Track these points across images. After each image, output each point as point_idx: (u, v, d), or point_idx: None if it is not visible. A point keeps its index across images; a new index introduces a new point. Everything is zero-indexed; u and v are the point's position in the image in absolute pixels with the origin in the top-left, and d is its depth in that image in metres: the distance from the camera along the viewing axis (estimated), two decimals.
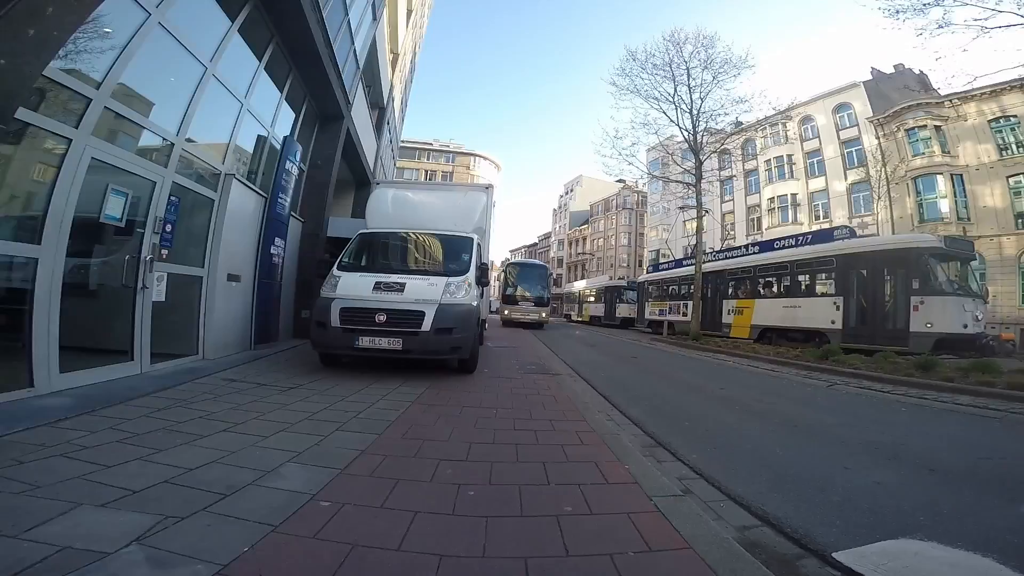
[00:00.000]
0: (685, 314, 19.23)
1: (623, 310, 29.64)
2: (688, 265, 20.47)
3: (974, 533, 2.38)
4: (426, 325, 5.66)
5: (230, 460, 2.80)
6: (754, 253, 17.52)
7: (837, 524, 2.50)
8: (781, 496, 2.89)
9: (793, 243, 16.01)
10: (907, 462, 3.70)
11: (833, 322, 12.86)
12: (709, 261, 19.14)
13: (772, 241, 17.67)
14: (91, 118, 4.18)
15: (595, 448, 3.42)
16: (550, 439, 3.62)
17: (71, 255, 4.25)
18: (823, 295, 13.72)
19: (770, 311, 15.19)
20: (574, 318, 39.30)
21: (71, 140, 4.07)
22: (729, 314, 17.06)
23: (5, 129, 2.81)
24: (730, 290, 17.62)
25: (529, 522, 2.23)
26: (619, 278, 39.10)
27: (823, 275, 13.96)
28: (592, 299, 34.98)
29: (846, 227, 16.20)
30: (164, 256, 5.43)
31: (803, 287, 14.60)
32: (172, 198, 5.49)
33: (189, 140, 5.77)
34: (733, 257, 18.78)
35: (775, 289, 15.60)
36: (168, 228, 5.44)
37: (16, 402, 3.60)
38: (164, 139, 5.40)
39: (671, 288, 22.23)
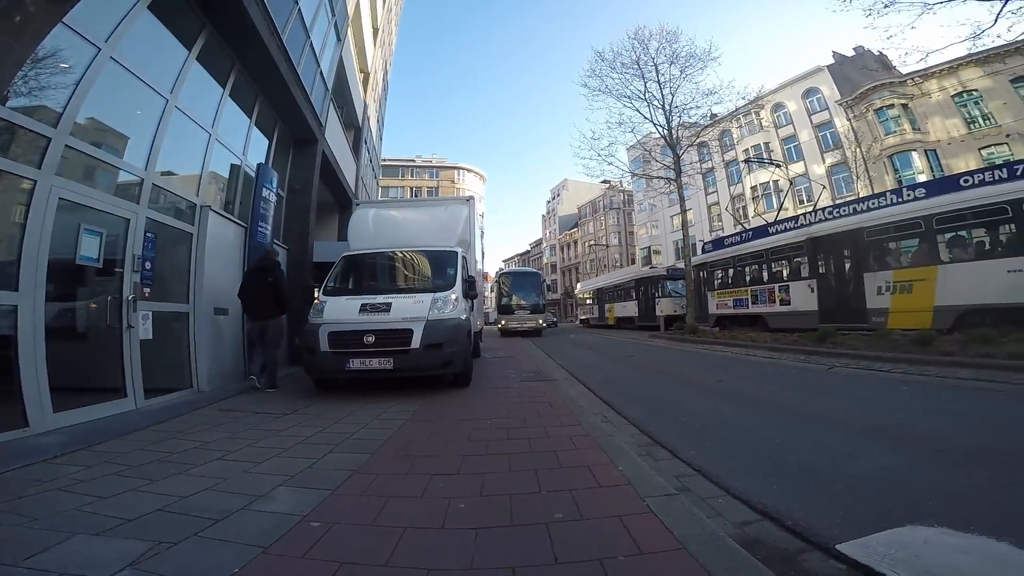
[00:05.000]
0: (786, 301, 13.88)
1: (665, 306, 23.22)
2: (776, 232, 15.07)
3: (988, 516, 2.27)
4: (415, 342, 5.64)
5: (223, 487, 2.83)
6: (911, 200, 11.09)
7: (841, 514, 2.41)
8: (782, 488, 2.81)
9: (1004, 174, 9.58)
10: (912, 444, 3.60)
11: None
12: (819, 222, 13.42)
13: (956, 177, 10.88)
14: (53, 157, 4.14)
15: (589, 452, 3.36)
16: (544, 446, 3.56)
17: (53, 299, 4.27)
18: None
19: (974, 282, 9.26)
20: (592, 322, 34.19)
21: (36, 181, 4.04)
22: (881, 294, 11.07)
23: None
24: (873, 260, 11.59)
25: (519, 531, 2.19)
26: (651, 267, 31.64)
27: None
28: (620, 297, 29.28)
29: None
30: (147, 295, 5.40)
31: None
32: (148, 234, 5.45)
33: (159, 174, 5.73)
34: (868, 211, 12.20)
35: (979, 246, 9.79)
36: (148, 265, 5.42)
37: (12, 441, 3.72)
38: (133, 174, 5.35)
39: (753, 268, 15.81)
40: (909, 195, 11.33)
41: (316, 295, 6.75)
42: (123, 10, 4.89)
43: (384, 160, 35.33)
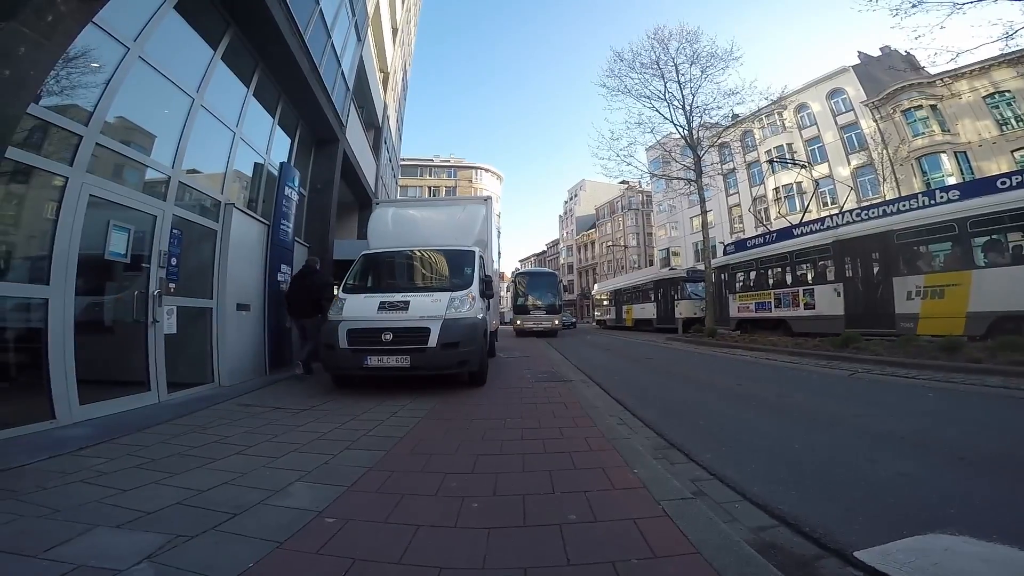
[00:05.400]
0: (811, 305, 13.40)
1: (685, 308, 22.59)
2: (801, 234, 14.55)
3: (1010, 525, 2.20)
4: (432, 341, 5.67)
5: (241, 481, 2.86)
6: (944, 202, 10.58)
7: (860, 521, 2.37)
8: (800, 494, 2.77)
9: None
10: (934, 451, 3.53)
11: None
12: (846, 224, 12.96)
13: (992, 179, 10.39)
14: (84, 155, 4.25)
15: (604, 454, 3.34)
16: (558, 447, 3.54)
17: (82, 293, 4.36)
18: None
19: (1010, 288, 8.74)
20: (609, 324, 33.82)
21: (67, 178, 4.15)
22: (911, 299, 10.63)
23: None
24: (902, 264, 11.09)
25: (532, 532, 2.18)
26: (670, 268, 32.03)
27: None
28: (638, 298, 28.78)
29: None
30: (172, 290, 5.50)
31: None
32: (174, 231, 5.55)
33: (186, 172, 5.84)
34: (898, 213, 11.66)
35: (1016, 251, 9.16)
36: (173, 261, 5.52)
37: (39, 433, 3.77)
38: (160, 172, 5.48)
39: (776, 271, 15.27)
40: (942, 197, 10.82)
41: (336, 292, 6.83)
42: (150, 10, 4.99)
43: (403, 159, 35.62)
